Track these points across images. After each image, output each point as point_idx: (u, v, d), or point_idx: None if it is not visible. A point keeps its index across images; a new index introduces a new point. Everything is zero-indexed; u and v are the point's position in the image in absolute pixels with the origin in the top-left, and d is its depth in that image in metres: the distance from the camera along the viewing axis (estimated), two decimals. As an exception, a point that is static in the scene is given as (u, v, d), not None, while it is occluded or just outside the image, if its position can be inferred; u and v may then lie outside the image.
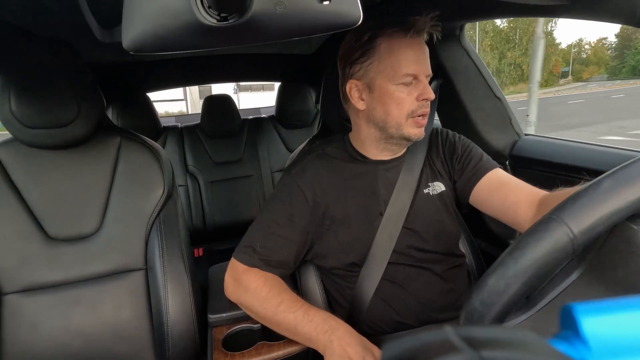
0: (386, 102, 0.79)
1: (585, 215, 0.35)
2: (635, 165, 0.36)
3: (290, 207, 0.83)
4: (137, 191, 0.94)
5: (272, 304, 0.76)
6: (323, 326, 0.72)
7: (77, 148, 0.93)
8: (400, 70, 0.76)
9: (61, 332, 0.86)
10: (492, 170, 0.84)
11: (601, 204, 0.35)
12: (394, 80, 0.77)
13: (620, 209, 0.35)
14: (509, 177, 0.83)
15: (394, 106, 0.78)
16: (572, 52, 33.06)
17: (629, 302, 0.23)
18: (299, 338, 0.75)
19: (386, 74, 0.78)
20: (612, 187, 0.36)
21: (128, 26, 0.41)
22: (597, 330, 0.22)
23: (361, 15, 0.44)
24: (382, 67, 0.78)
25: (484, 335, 0.18)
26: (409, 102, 0.78)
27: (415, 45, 0.77)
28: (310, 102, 2.15)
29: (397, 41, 0.77)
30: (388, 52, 0.77)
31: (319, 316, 0.74)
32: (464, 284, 0.88)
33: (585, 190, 0.37)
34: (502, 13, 0.96)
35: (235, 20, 0.40)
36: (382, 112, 0.80)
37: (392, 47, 0.77)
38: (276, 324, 0.77)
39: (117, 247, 0.91)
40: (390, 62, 0.77)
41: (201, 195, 2.02)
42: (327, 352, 0.70)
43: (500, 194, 0.80)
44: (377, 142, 0.85)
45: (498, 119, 1.25)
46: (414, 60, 0.77)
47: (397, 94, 0.78)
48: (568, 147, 1.07)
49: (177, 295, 0.90)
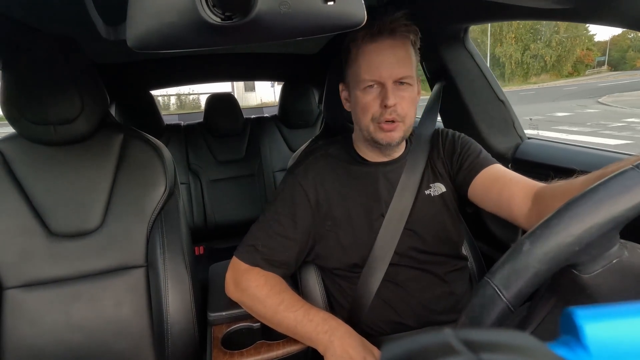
0: (356, 106, 0.82)
1: (511, 281, 0.37)
2: (552, 222, 0.37)
3: (293, 207, 0.83)
4: (139, 188, 0.95)
5: (273, 303, 0.76)
6: (323, 326, 0.72)
7: (80, 144, 0.93)
8: (361, 76, 0.78)
9: (62, 327, 0.87)
10: (489, 165, 0.83)
11: (523, 269, 0.36)
12: (359, 86, 0.79)
13: (540, 270, 0.36)
14: (506, 171, 0.82)
15: (359, 111, 0.81)
16: (629, 38, 32.97)
17: (630, 308, 0.23)
18: (299, 337, 0.76)
19: (354, 79, 0.81)
20: (531, 250, 0.37)
21: (133, 24, 0.41)
22: (598, 336, 0.22)
23: (365, 16, 0.44)
24: (352, 72, 0.81)
25: (483, 338, 0.18)
26: (373, 108, 0.78)
27: (379, 50, 0.76)
28: (313, 102, 2.16)
29: (362, 46, 0.78)
30: (355, 58, 0.80)
31: (319, 316, 0.74)
32: (465, 287, 0.88)
33: (509, 254, 0.38)
34: (506, 16, 0.96)
35: (240, 20, 0.41)
36: (355, 116, 0.84)
37: (358, 52, 0.79)
38: (276, 323, 0.77)
39: (118, 244, 0.92)
40: (355, 67, 0.79)
41: (203, 194, 2.02)
42: (328, 352, 0.70)
43: (495, 188, 0.79)
44: (365, 144, 0.87)
45: (501, 122, 1.24)
46: (375, 65, 0.76)
47: (362, 99, 0.79)
48: (571, 151, 1.07)
49: (178, 293, 0.90)
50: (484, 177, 0.82)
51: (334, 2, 0.42)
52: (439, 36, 1.20)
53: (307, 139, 1.16)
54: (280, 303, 0.76)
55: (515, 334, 0.19)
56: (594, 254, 0.37)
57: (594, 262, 0.38)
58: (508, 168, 1.17)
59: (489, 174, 0.82)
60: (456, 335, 0.18)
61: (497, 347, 0.17)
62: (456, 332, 0.18)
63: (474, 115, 1.24)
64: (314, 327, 0.72)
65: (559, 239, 0.36)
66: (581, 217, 0.36)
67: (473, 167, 0.84)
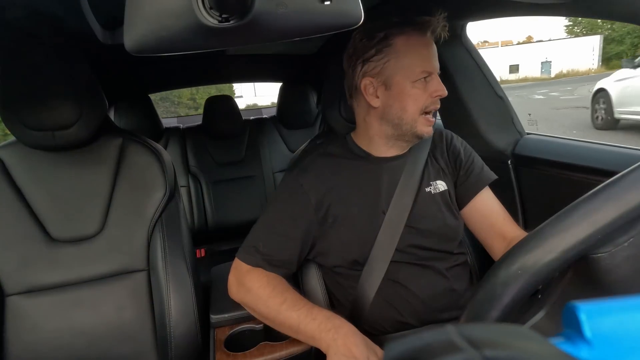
0: (403, 98, 0.81)
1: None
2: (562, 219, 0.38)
3: (293, 206, 0.83)
4: (139, 192, 0.94)
5: (275, 303, 0.76)
6: (326, 324, 0.72)
7: (80, 150, 0.93)
8: (418, 68, 0.80)
9: (64, 333, 0.87)
10: (486, 185, 0.90)
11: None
12: (412, 77, 0.80)
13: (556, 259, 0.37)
14: (498, 204, 0.90)
15: (411, 102, 0.81)
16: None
17: (633, 302, 0.23)
18: (302, 337, 0.75)
19: (403, 71, 0.80)
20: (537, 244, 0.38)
21: (130, 28, 0.41)
22: (601, 330, 0.22)
23: (362, 15, 0.44)
24: (399, 64, 0.80)
25: (486, 334, 0.18)
26: (424, 98, 0.81)
27: (427, 44, 0.81)
28: (312, 103, 2.15)
29: (414, 39, 0.80)
30: (405, 50, 0.80)
31: (322, 315, 0.74)
32: (466, 283, 0.88)
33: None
34: (505, 12, 0.96)
35: (237, 21, 0.41)
36: (399, 108, 0.82)
37: (410, 45, 0.80)
38: (279, 323, 0.77)
39: (119, 248, 0.92)
40: (408, 60, 0.80)
41: (203, 196, 2.02)
42: (331, 350, 0.70)
43: (489, 220, 0.88)
44: (387, 139, 0.86)
45: (500, 118, 1.24)
46: (429, 58, 0.81)
47: (415, 90, 0.80)
48: (570, 146, 1.07)
49: (180, 296, 0.90)
50: (481, 201, 0.89)
51: (330, 1, 0.42)
52: (437, 33, 1.19)
53: (306, 140, 1.16)
54: (283, 302, 0.76)
55: (518, 329, 0.19)
56: (606, 239, 0.38)
57: (607, 244, 0.38)
58: (508, 164, 1.18)
59: (485, 202, 0.90)
60: (458, 332, 0.18)
61: (499, 343, 0.17)
62: (459, 328, 0.18)
63: (473, 111, 1.24)
64: (316, 325, 0.72)
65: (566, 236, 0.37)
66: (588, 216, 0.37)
67: (476, 183, 0.89)
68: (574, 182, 1.00)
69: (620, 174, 0.38)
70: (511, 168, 1.18)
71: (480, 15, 1.07)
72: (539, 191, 1.05)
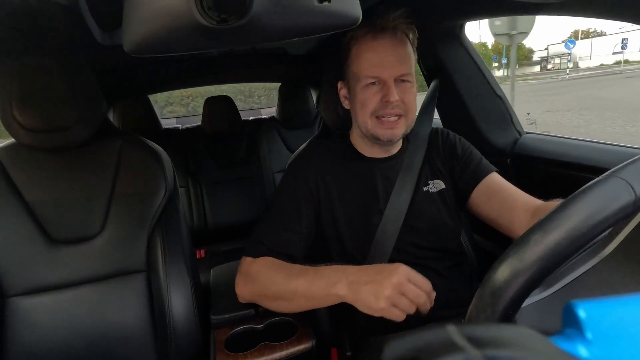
0: (356, 102, 0.83)
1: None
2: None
3: (297, 201, 0.84)
4: (139, 193, 0.94)
5: (282, 276, 0.75)
6: (335, 275, 0.69)
7: (79, 150, 0.93)
8: (362, 73, 0.79)
9: (65, 334, 0.87)
10: (490, 173, 0.86)
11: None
12: (360, 83, 0.80)
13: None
14: (506, 182, 0.85)
15: (359, 107, 0.82)
16: None
17: (632, 300, 0.23)
18: (316, 301, 0.72)
19: (354, 76, 0.82)
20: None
21: (128, 28, 0.41)
22: (601, 329, 0.22)
23: (360, 15, 0.45)
24: (352, 69, 0.82)
25: (487, 334, 0.18)
26: (373, 103, 0.80)
27: (380, 47, 0.78)
28: (311, 103, 2.15)
29: (362, 44, 0.80)
30: (356, 55, 0.81)
31: (329, 269, 0.71)
32: (465, 282, 0.88)
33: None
34: (501, 11, 0.96)
35: (235, 22, 0.41)
36: (355, 112, 0.84)
37: (359, 49, 0.80)
38: (290, 295, 0.74)
39: (119, 249, 0.92)
40: (356, 65, 0.81)
41: (203, 197, 2.02)
42: (350, 297, 0.67)
43: (498, 198, 0.82)
44: (364, 140, 0.88)
45: (499, 117, 1.25)
46: (376, 63, 0.78)
47: (361, 95, 0.81)
48: (568, 145, 1.07)
49: (180, 297, 0.90)
50: (487, 184, 0.85)
51: (329, 1, 0.42)
52: (436, 33, 1.20)
53: (305, 140, 1.17)
54: (289, 274, 0.74)
55: (518, 329, 0.19)
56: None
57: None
58: (507, 163, 1.18)
59: (491, 182, 0.85)
60: (460, 332, 0.18)
61: (500, 343, 0.17)
62: (460, 328, 0.18)
63: (471, 111, 1.24)
64: (327, 279, 0.70)
65: None
66: None
67: (476, 172, 0.86)
68: (574, 181, 1.00)
69: None
70: (510, 167, 1.18)
71: (478, 15, 1.07)
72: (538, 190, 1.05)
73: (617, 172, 0.35)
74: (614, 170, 0.36)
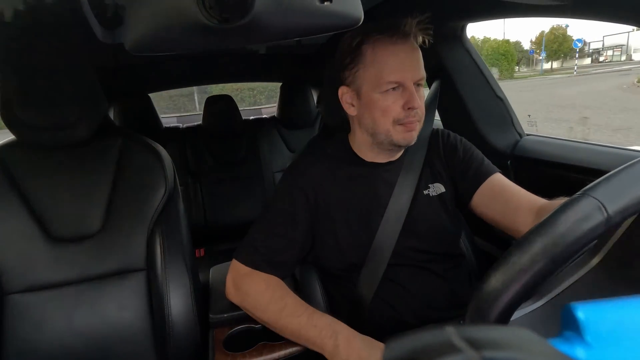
0: (372, 110, 0.79)
1: (620, 195, 0.35)
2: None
3: (292, 207, 0.83)
4: (139, 191, 0.94)
5: (275, 309, 0.76)
6: (327, 331, 0.72)
7: (80, 149, 0.93)
8: (383, 78, 0.76)
9: (64, 332, 0.87)
10: (493, 174, 0.84)
11: (637, 185, 0.35)
12: (378, 88, 0.76)
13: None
14: (509, 182, 0.84)
15: (379, 114, 0.78)
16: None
17: (630, 303, 0.23)
18: (303, 342, 0.75)
19: (371, 81, 0.77)
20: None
21: (130, 27, 0.41)
22: (599, 331, 0.22)
23: (362, 16, 0.45)
24: (367, 74, 0.78)
25: (485, 335, 0.18)
26: (395, 111, 0.77)
27: (400, 52, 0.76)
28: (312, 103, 2.15)
29: (381, 48, 0.76)
30: (372, 60, 0.77)
31: (322, 321, 0.73)
32: (465, 284, 0.88)
33: (619, 171, 0.36)
34: (504, 13, 0.96)
35: (237, 21, 0.41)
36: (370, 119, 0.80)
37: (376, 54, 0.76)
38: (280, 328, 0.77)
39: (118, 248, 0.92)
40: (374, 69, 0.77)
41: (203, 196, 2.02)
42: (335, 358, 0.70)
43: (501, 198, 0.80)
44: (371, 147, 0.86)
45: (499, 119, 1.25)
46: (397, 67, 0.75)
47: (382, 102, 0.77)
48: (569, 147, 1.07)
49: (179, 296, 0.90)
50: (490, 185, 0.83)
51: (330, 1, 0.42)
52: (437, 34, 1.19)
53: (306, 140, 1.17)
54: (283, 309, 0.76)
55: (517, 331, 0.19)
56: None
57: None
58: (507, 165, 1.18)
59: (494, 182, 0.83)
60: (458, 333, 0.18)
61: (498, 345, 0.17)
62: (458, 329, 0.19)
63: (472, 112, 1.24)
64: (318, 332, 0.72)
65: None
66: None
67: (478, 174, 0.85)
68: (575, 183, 0.99)
69: None
70: (511, 169, 1.18)
71: (480, 17, 1.07)
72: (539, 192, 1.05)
73: (589, 191, 0.36)
74: (587, 189, 0.37)
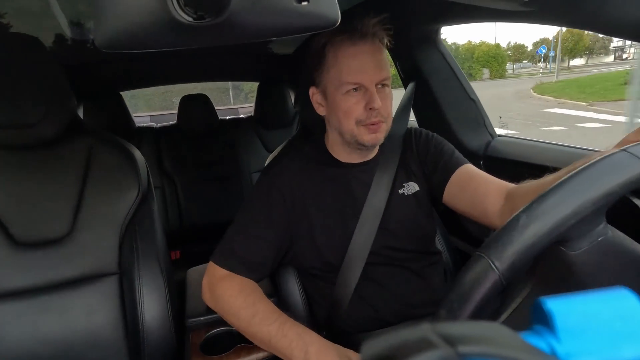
0: (337, 111, 0.80)
1: (506, 253, 0.38)
2: (549, 196, 0.39)
3: (269, 208, 0.83)
4: (110, 193, 0.91)
5: (246, 315, 0.75)
6: (297, 342, 0.71)
7: (46, 149, 0.89)
8: (343, 79, 0.77)
9: (29, 341, 0.83)
10: (462, 165, 0.86)
11: (518, 241, 0.37)
12: (340, 90, 0.78)
13: (536, 243, 0.37)
14: (479, 171, 0.85)
15: (342, 115, 0.79)
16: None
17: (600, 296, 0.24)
18: (273, 351, 0.74)
19: (333, 83, 0.79)
20: (527, 223, 0.38)
21: (100, 23, 0.40)
22: (569, 324, 0.23)
23: (339, 17, 0.45)
24: (330, 76, 0.79)
25: (460, 331, 0.19)
26: (357, 111, 0.78)
27: (359, 53, 0.77)
28: (289, 103, 2.15)
29: (342, 49, 0.77)
30: (334, 61, 0.78)
31: (293, 331, 0.72)
32: (440, 281, 0.90)
33: (504, 227, 0.39)
34: (475, 17, 0.99)
35: (212, 20, 0.40)
36: (336, 120, 0.82)
37: (337, 55, 0.78)
38: (251, 335, 0.76)
39: (89, 251, 0.88)
40: (335, 71, 0.78)
41: (178, 197, 1.98)
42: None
43: (470, 187, 0.82)
44: (342, 146, 0.86)
45: (472, 120, 1.28)
46: (357, 69, 0.76)
47: (344, 103, 0.78)
48: (540, 148, 1.11)
49: (153, 300, 0.87)
50: (459, 175, 0.84)
51: (307, 2, 0.42)
52: (413, 37, 1.22)
53: (283, 139, 1.16)
54: (254, 315, 0.74)
55: (490, 326, 0.19)
56: (583, 230, 0.39)
57: (582, 239, 0.39)
58: (480, 165, 1.22)
59: (463, 173, 0.85)
60: (434, 330, 0.18)
61: (472, 339, 0.18)
62: (434, 326, 0.19)
63: (446, 113, 1.27)
64: (288, 343, 0.71)
65: (556, 212, 0.37)
66: (578, 191, 0.38)
67: (448, 166, 0.86)
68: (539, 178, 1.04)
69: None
70: (483, 169, 1.22)
71: (454, 20, 1.10)
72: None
73: (482, 249, 0.39)
74: (482, 248, 0.39)
